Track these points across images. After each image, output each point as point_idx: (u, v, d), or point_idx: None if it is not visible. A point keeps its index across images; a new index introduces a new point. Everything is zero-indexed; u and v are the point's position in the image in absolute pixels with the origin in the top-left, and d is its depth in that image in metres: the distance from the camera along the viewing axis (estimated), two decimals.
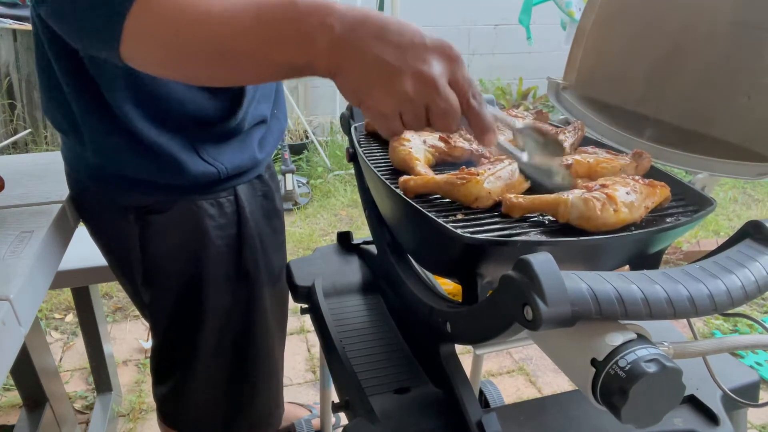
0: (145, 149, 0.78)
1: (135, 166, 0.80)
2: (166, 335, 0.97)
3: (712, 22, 0.79)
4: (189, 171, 0.81)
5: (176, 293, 0.91)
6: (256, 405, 1.06)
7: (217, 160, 0.83)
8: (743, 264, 0.53)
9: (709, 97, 0.80)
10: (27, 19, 3.11)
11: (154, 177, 0.81)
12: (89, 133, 0.78)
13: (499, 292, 0.50)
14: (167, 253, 0.87)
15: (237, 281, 0.93)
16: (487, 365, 1.88)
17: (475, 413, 0.63)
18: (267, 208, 0.96)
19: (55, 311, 2.12)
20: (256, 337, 1.00)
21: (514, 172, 0.68)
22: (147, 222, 0.84)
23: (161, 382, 1.03)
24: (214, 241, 0.87)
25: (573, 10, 2.85)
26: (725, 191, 3.23)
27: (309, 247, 2.62)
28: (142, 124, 0.76)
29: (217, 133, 0.83)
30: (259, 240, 0.93)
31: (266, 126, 0.92)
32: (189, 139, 0.81)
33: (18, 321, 0.67)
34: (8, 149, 2.96)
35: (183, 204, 0.84)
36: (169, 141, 0.78)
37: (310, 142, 3.49)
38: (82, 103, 0.76)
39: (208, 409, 1.04)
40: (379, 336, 0.88)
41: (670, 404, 0.45)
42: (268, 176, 0.97)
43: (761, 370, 1.82)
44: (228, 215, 0.88)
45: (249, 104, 0.85)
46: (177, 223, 0.84)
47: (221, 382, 1.01)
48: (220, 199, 0.86)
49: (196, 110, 0.79)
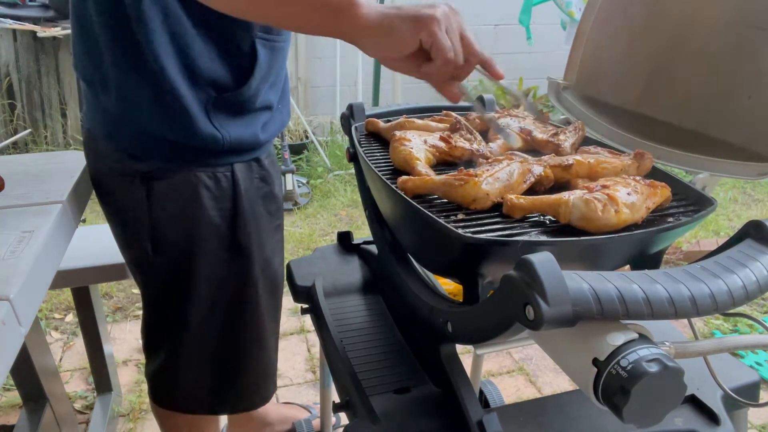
0: (165, 99, 0.84)
1: (152, 115, 0.85)
2: (158, 304, 1.02)
3: (713, 23, 0.79)
4: (197, 130, 0.86)
5: (172, 260, 0.96)
6: (243, 382, 1.10)
7: (223, 128, 0.89)
8: (744, 264, 0.53)
9: (709, 97, 0.80)
10: (27, 19, 3.11)
11: (165, 131, 0.86)
12: (117, 82, 0.85)
13: (500, 292, 0.50)
14: (168, 220, 0.93)
15: (229, 254, 0.97)
16: (487, 365, 1.88)
17: (476, 413, 0.63)
18: (264, 191, 1.00)
19: (55, 311, 2.12)
20: (245, 314, 1.03)
21: (513, 173, 0.68)
22: (150, 187, 0.91)
23: (152, 357, 1.07)
24: (208, 211, 0.92)
25: (573, 10, 2.85)
26: (725, 191, 3.23)
27: (309, 247, 2.62)
28: (170, 73, 0.82)
29: (229, 101, 0.88)
30: (253, 218, 0.97)
31: (271, 113, 0.97)
32: (203, 101, 0.86)
33: (18, 321, 0.67)
34: (8, 149, 2.96)
35: (182, 173, 0.90)
36: (188, 94, 0.84)
37: (310, 142, 3.49)
38: (117, 53, 0.83)
39: (196, 385, 1.07)
40: (380, 336, 0.88)
41: (672, 404, 0.45)
42: (268, 163, 1.01)
43: (761, 370, 1.82)
44: (224, 189, 0.93)
45: (259, 82, 0.90)
46: (176, 190, 0.91)
47: (209, 357, 1.04)
48: (217, 173, 0.92)
49: (214, 72, 0.86)
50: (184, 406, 1.10)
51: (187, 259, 0.95)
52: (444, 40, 0.67)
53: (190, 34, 0.82)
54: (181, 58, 0.83)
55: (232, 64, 0.87)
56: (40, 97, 3.29)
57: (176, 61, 0.82)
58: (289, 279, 1.05)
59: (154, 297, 1.03)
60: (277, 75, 0.95)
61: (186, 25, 0.81)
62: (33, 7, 3.22)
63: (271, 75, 0.93)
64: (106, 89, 0.87)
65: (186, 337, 1.01)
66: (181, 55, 0.82)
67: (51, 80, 3.26)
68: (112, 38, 0.82)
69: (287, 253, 2.55)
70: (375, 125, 0.92)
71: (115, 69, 0.84)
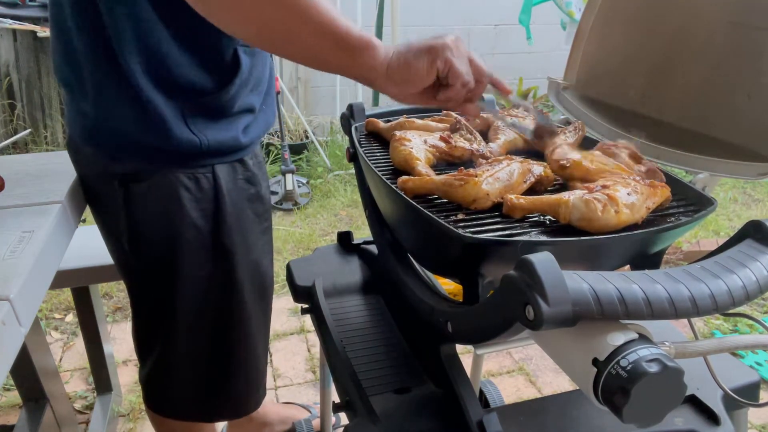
0: (139, 106, 0.84)
1: (129, 120, 0.85)
2: (145, 308, 1.02)
3: (712, 22, 0.79)
4: (174, 136, 0.86)
5: (156, 262, 0.96)
6: (232, 387, 1.09)
7: (201, 132, 0.88)
8: (744, 264, 0.53)
9: (709, 97, 0.80)
10: (27, 19, 3.10)
11: (141, 136, 0.86)
12: (94, 89, 0.86)
13: (500, 292, 0.50)
14: (148, 220, 0.93)
15: (213, 255, 0.96)
16: (487, 365, 1.88)
17: (476, 413, 0.63)
18: (250, 192, 0.99)
19: (55, 311, 2.12)
20: (233, 318, 1.03)
21: (513, 173, 0.68)
22: (129, 189, 0.91)
23: (143, 362, 1.07)
24: (189, 212, 0.92)
25: (573, 10, 2.85)
26: (725, 191, 3.23)
27: (309, 247, 2.62)
28: (143, 80, 0.82)
29: (206, 105, 0.88)
30: (237, 219, 0.97)
31: (253, 116, 0.97)
32: (180, 107, 0.86)
33: (18, 321, 0.67)
34: (8, 149, 2.96)
35: (162, 174, 0.90)
36: (162, 102, 0.84)
37: (310, 142, 3.49)
38: (93, 60, 0.84)
39: (186, 391, 1.07)
40: (380, 336, 0.88)
41: (672, 404, 0.45)
42: (254, 164, 1.00)
43: (761, 370, 1.82)
44: (205, 190, 0.93)
45: (239, 87, 0.89)
46: (155, 191, 0.90)
47: (199, 361, 1.04)
48: (197, 174, 0.91)
49: (193, 79, 0.85)
50: (176, 413, 1.10)
51: (170, 261, 0.94)
52: (459, 65, 0.71)
53: (165, 44, 0.82)
54: (155, 69, 0.83)
55: (213, 72, 0.87)
56: (40, 97, 3.29)
57: (151, 72, 0.82)
58: (289, 279, 1.05)
59: (140, 300, 1.02)
60: (258, 79, 0.95)
61: (161, 35, 0.81)
62: (33, 7, 3.22)
63: (252, 80, 0.93)
64: (84, 95, 0.87)
65: (174, 341, 1.01)
66: (155, 66, 0.82)
67: (51, 80, 3.26)
68: (88, 46, 0.83)
69: (287, 253, 2.55)
70: (375, 125, 0.92)
71: (93, 76, 0.85)
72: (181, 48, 0.83)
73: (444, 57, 0.70)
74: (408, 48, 0.72)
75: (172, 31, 0.81)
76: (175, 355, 1.02)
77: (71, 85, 0.89)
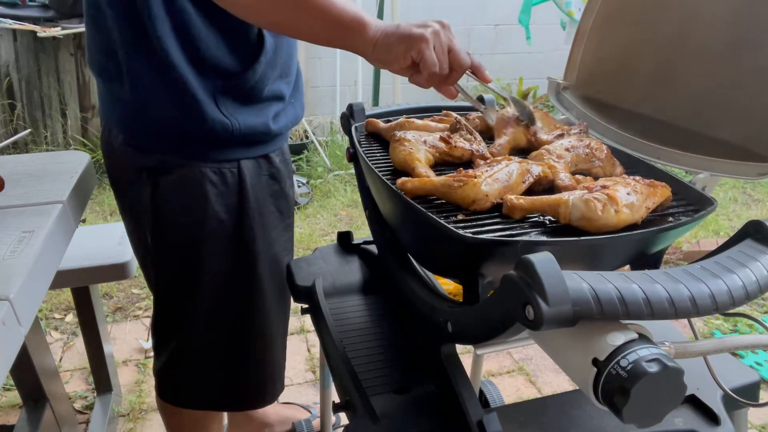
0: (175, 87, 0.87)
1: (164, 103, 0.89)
2: (167, 299, 1.04)
3: (712, 22, 0.79)
4: (207, 117, 0.89)
5: (180, 254, 0.98)
6: (248, 379, 1.11)
7: (232, 115, 0.91)
8: (744, 264, 0.53)
9: (709, 97, 0.79)
10: (27, 19, 3.10)
11: (176, 120, 0.90)
12: (130, 72, 0.89)
13: (500, 292, 0.50)
14: (173, 212, 0.96)
15: (235, 249, 0.99)
16: (487, 365, 1.88)
17: (476, 413, 0.63)
18: (274, 188, 1.02)
19: (55, 311, 2.12)
20: (252, 310, 1.04)
21: (512, 173, 0.68)
22: (157, 182, 0.94)
23: (160, 353, 1.08)
24: (213, 205, 0.95)
25: (573, 10, 2.85)
26: (725, 191, 3.23)
27: (309, 247, 2.62)
28: (177, 62, 0.86)
29: (236, 87, 0.91)
30: (260, 214, 0.99)
31: (283, 105, 1.00)
32: (211, 89, 0.89)
33: (18, 321, 0.67)
34: (8, 149, 2.96)
35: (190, 168, 0.93)
36: (196, 83, 0.88)
37: (310, 142, 3.49)
38: (128, 43, 0.87)
39: (202, 380, 1.08)
40: (380, 336, 0.87)
41: (672, 404, 0.45)
42: (279, 161, 1.02)
43: (761, 370, 1.82)
44: (230, 185, 0.95)
45: (265, 67, 0.92)
46: (182, 184, 0.94)
47: (216, 352, 1.06)
48: (222, 169, 0.94)
49: (221, 60, 0.89)
50: (190, 402, 1.11)
51: (194, 253, 0.97)
52: (430, 57, 0.76)
53: (196, 24, 0.86)
54: (187, 47, 0.86)
55: (239, 52, 0.90)
56: (40, 97, 3.29)
57: (183, 50, 0.86)
58: (289, 279, 1.05)
59: (162, 291, 1.04)
60: (285, 64, 0.98)
61: (192, 15, 0.85)
62: (33, 7, 3.22)
63: (278, 61, 0.95)
64: (120, 80, 0.90)
65: (193, 332, 1.03)
66: (187, 44, 0.86)
67: (51, 80, 3.26)
68: (124, 29, 0.87)
69: None
70: (375, 125, 0.92)
71: (128, 59, 0.88)
72: (209, 28, 0.87)
73: (418, 47, 0.75)
74: (394, 30, 0.77)
75: (202, 12, 0.85)
76: (194, 345, 1.05)
77: (108, 73, 0.92)
